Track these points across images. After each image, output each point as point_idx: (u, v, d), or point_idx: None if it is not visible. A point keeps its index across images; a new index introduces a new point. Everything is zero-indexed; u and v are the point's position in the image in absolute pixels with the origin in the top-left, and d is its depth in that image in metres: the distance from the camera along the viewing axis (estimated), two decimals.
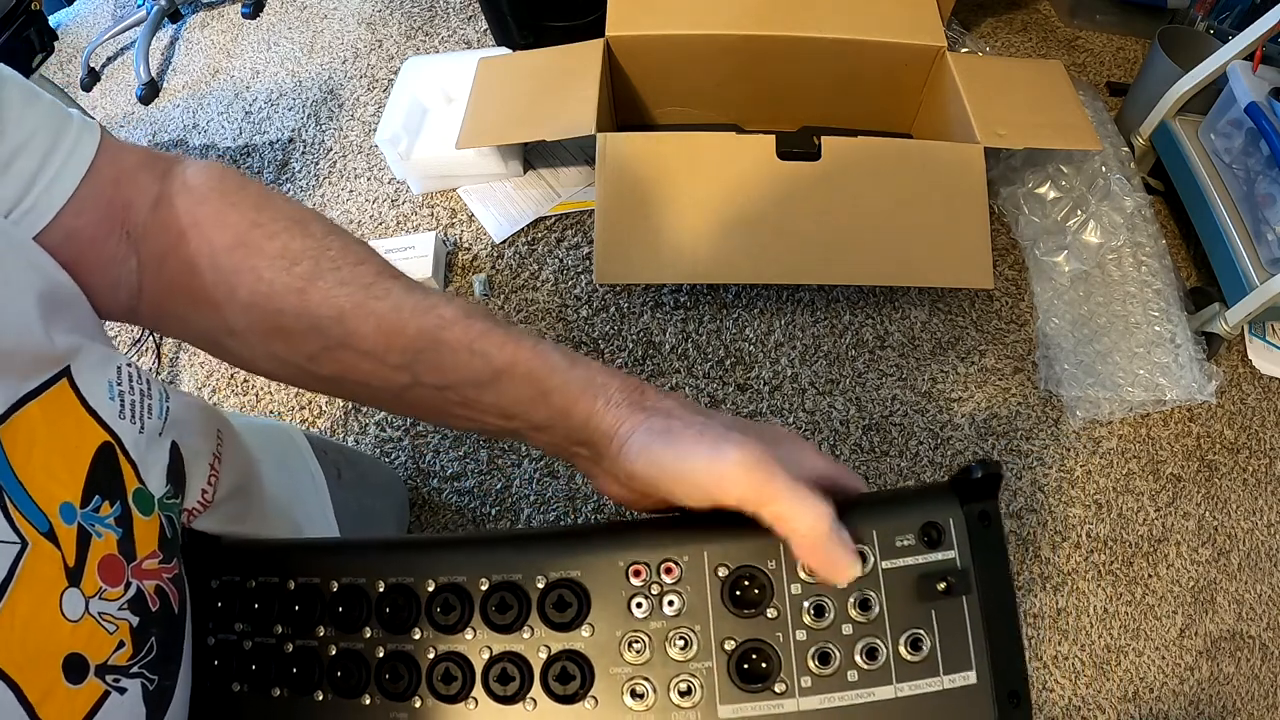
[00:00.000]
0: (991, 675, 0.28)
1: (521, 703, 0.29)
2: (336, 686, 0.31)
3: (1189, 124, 1.29)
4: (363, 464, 0.81)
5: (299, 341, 0.34)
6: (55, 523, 0.26)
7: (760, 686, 0.29)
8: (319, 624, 0.31)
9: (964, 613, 0.29)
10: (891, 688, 0.28)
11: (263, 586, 0.33)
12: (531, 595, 0.30)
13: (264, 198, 0.36)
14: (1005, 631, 0.29)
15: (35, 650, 0.24)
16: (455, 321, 0.32)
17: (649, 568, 0.30)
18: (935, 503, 0.30)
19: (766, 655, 0.29)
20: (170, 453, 0.35)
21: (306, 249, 0.34)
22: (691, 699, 0.29)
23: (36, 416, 0.27)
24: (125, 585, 0.28)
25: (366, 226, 1.41)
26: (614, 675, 0.29)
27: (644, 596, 0.30)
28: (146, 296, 0.35)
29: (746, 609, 0.29)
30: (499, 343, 0.32)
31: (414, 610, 0.31)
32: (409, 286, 0.34)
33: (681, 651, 0.29)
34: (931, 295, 1.28)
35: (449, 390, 0.33)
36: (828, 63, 1.26)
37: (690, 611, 0.30)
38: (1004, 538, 0.30)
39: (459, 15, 1.71)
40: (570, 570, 0.30)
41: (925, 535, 0.29)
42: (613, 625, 0.30)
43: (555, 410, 0.31)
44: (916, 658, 0.29)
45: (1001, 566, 0.30)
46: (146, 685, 0.28)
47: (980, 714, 0.28)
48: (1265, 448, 1.18)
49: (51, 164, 0.32)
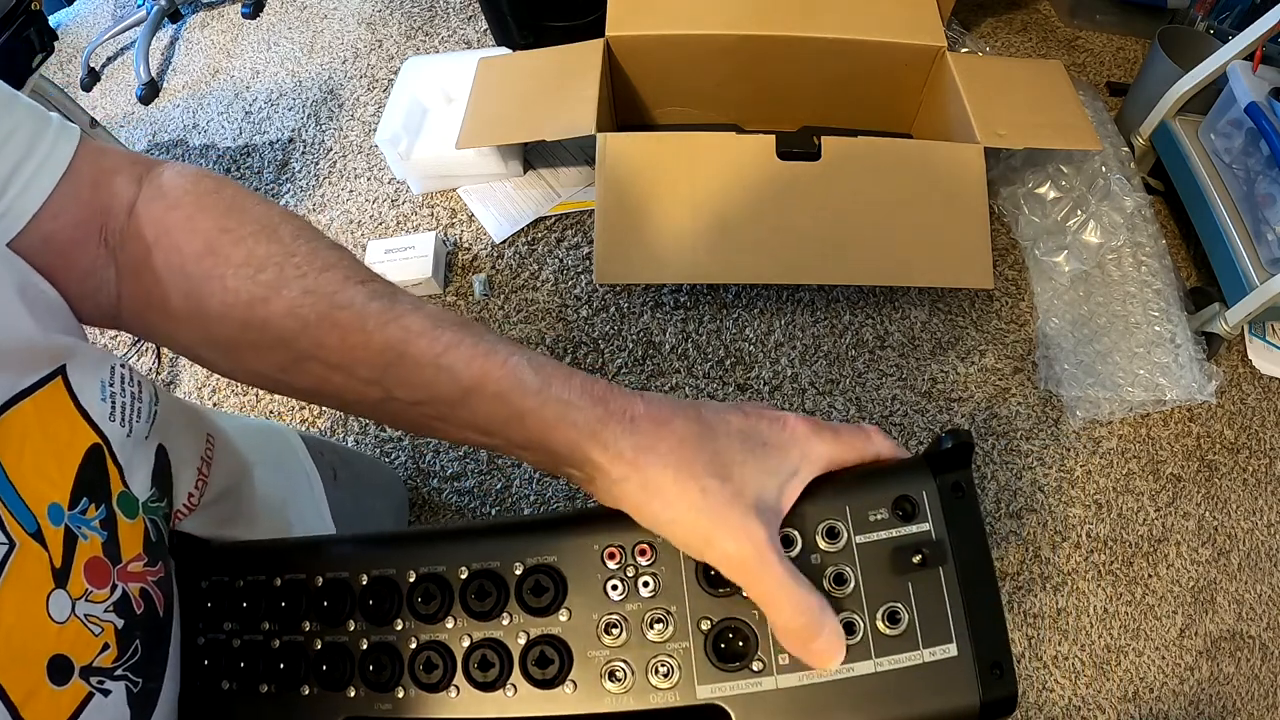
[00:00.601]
0: (973, 647, 0.28)
1: (502, 689, 0.30)
2: (322, 680, 0.31)
3: (1189, 124, 1.29)
4: (360, 464, 0.82)
5: (267, 354, 0.32)
6: (43, 524, 0.26)
7: (738, 665, 0.29)
8: (304, 619, 0.32)
9: (941, 584, 0.29)
10: (871, 662, 0.28)
11: (250, 585, 0.33)
12: (509, 582, 0.30)
13: (236, 202, 0.34)
14: (984, 602, 0.29)
15: (20, 651, 0.24)
16: (422, 333, 0.31)
17: (624, 550, 0.30)
18: (908, 476, 0.30)
19: (743, 634, 0.29)
20: (156, 456, 0.35)
21: (272, 255, 0.32)
22: (670, 680, 0.29)
23: (30, 415, 0.27)
24: (111, 588, 0.28)
25: (366, 226, 1.41)
26: (592, 659, 0.29)
27: (619, 579, 0.30)
28: (126, 305, 0.34)
29: (722, 588, 0.29)
30: (466, 358, 0.30)
31: (396, 601, 0.31)
32: (375, 293, 0.32)
33: (658, 633, 0.29)
34: (931, 295, 1.28)
35: (423, 405, 0.31)
36: (828, 63, 1.26)
37: (666, 592, 0.30)
38: (978, 508, 0.30)
39: (459, 15, 1.71)
40: (546, 556, 0.31)
41: (899, 509, 0.29)
42: (589, 609, 0.30)
43: (532, 434, 0.30)
44: (895, 631, 0.28)
45: (977, 537, 0.29)
46: (131, 687, 0.28)
47: (963, 686, 0.28)
48: (1265, 448, 1.18)
49: (27, 166, 0.31)
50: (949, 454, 0.29)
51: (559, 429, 0.30)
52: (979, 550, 0.29)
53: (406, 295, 0.33)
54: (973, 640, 0.28)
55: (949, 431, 0.29)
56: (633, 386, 1.28)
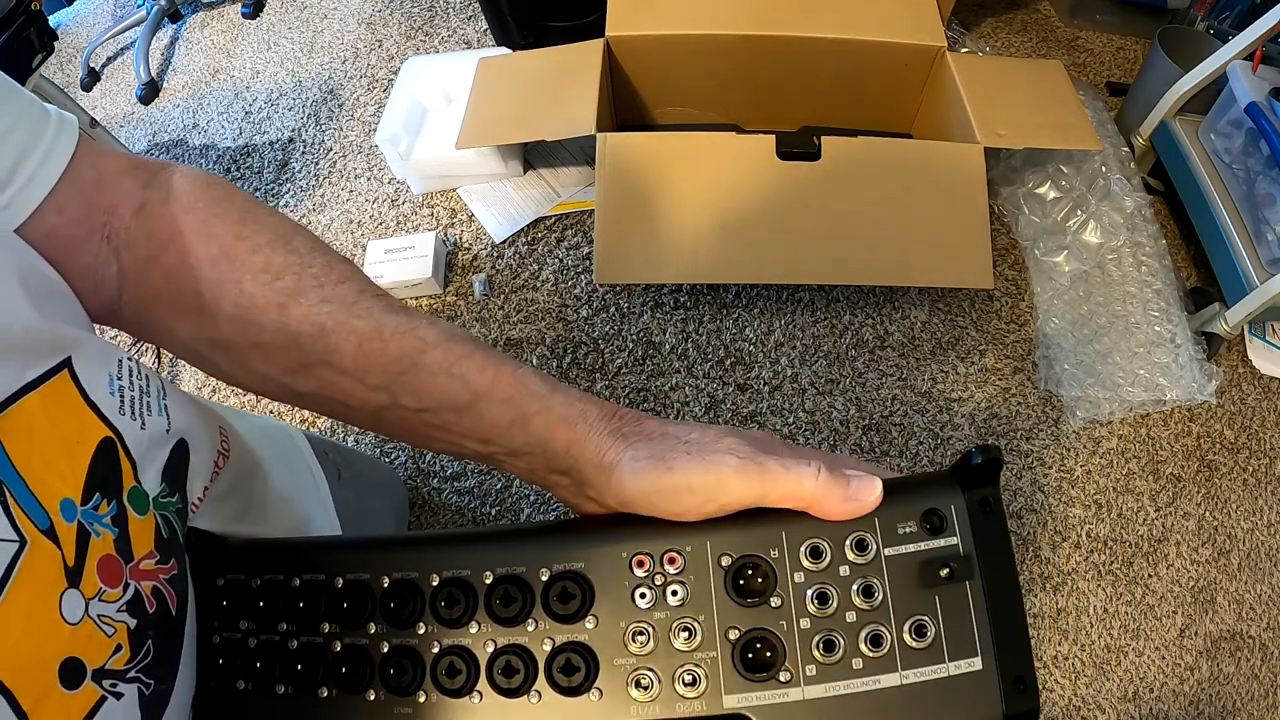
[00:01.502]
0: (997, 661, 0.28)
1: (526, 695, 0.29)
2: (341, 683, 0.30)
3: (1189, 124, 1.29)
4: (362, 464, 0.81)
5: (279, 356, 0.34)
6: (56, 520, 0.25)
7: (765, 675, 0.29)
8: (323, 620, 0.31)
9: (968, 599, 0.29)
10: (897, 675, 0.28)
11: (267, 584, 0.32)
12: (535, 588, 0.30)
13: (249, 209, 0.35)
14: (1010, 617, 0.29)
15: (32, 654, 0.23)
16: (436, 344, 0.33)
17: (652, 558, 0.30)
18: (937, 490, 0.30)
19: (771, 644, 0.29)
20: (172, 451, 0.34)
21: (289, 264, 0.34)
22: (696, 689, 0.29)
23: (36, 408, 0.27)
24: (124, 586, 0.28)
25: (366, 226, 1.41)
26: (618, 666, 0.29)
27: (647, 587, 0.30)
28: (127, 303, 0.35)
29: (750, 598, 0.29)
30: (479, 366, 0.32)
31: (418, 605, 0.31)
32: (391, 307, 0.34)
33: (686, 641, 0.29)
34: (931, 295, 1.28)
35: (427, 413, 0.33)
36: (828, 63, 1.26)
37: (694, 601, 0.30)
38: (1005, 523, 0.30)
39: (459, 15, 1.71)
40: (574, 562, 0.30)
41: (927, 522, 0.29)
42: (617, 616, 0.30)
43: (534, 436, 0.32)
44: (921, 644, 0.28)
45: (1004, 552, 0.29)
46: (143, 690, 0.28)
47: (987, 700, 0.28)
48: (1265, 448, 1.18)
49: (30, 160, 0.31)
50: (978, 469, 0.29)
51: (560, 429, 0.31)
52: (1006, 565, 0.29)
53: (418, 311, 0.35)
54: (997, 654, 0.28)
55: (979, 447, 0.29)
56: (633, 386, 1.28)
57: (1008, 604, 0.29)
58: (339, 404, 0.34)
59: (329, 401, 0.35)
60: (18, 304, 0.28)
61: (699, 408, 1.20)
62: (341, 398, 0.34)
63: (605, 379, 1.22)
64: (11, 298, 0.27)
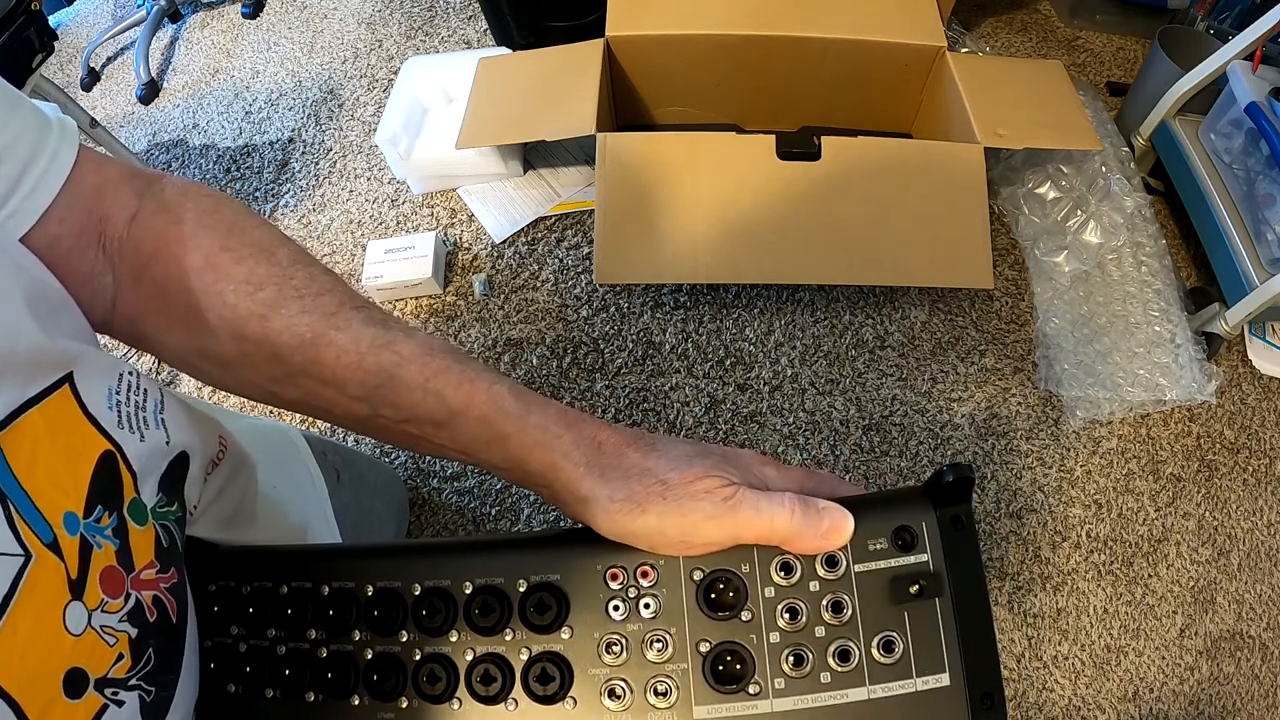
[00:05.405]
0: (965, 677, 0.29)
1: (503, 703, 0.30)
2: (327, 687, 0.31)
3: (1189, 124, 1.29)
4: (362, 464, 0.81)
5: (263, 366, 0.34)
6: (59, 533, 0.26)
7: (735, 688, 0.29)
8: (310, 627, 0.32)
9: (937, 615, 0.29)
10: (865, 689, 0.29)
11: (256, 591, 0.33)
12: (513, 598, 0.31)
13: (236, 221, 0.36)
14: (978, 634, 0.29)
15: (37, 666, 0.24)
16: (412, 359, 0.33)
17: (626, 571, 0.31)
18: (908, 507, 0.30)
19: (741, 657, 0.30)
20: (172, 463, 0.35)
21: (271, 275, 0.34)
22: (668, 700, 0.29)
23: (38, 423, 0.27)
24: (125, 597, 0.28)
25: (366, 226, 1.41)
26: (593, 676, 0.30)
27: (621, 599, 0.31)
28: (120, 313, 0.35)
29: (721, 611, 0.30)
30: (454, 384, 0.32)
31: (401, 613, 0.31)
32: (370, 319, 0.34)
33: (658, 653, 0.30)
34: (931, 295, 1.28)
35: (408, 424, 0.33)
36: (828, 63, 1.26)
37: (666, 614, 0.30)
38: (977, 541, 0.30)
39: (459, 15, 1.71)
40: (550, 574, 0.31)
41: (898, 539, 0.30)
42: (591, 627, 0.30)
43: (511, 456, 0.32)
44: (889, 660, 0.29)
45: (974, 569, 0.30)
46: (144, 697, 0.28)
47: (954, 716, 0.29)
48: (1265, 448, 1.18)
49: (34, 170, 0.31)
50: (950, 487, 0.30)
51: (536, 452, 0.31)
52: (975, 583, 0.30)
53: (399, 322, 0.35)
54: (965, 671, 0.29)
55: (950, 465, 0.29)
56: (633, 386, 1.28)
57: (977, 621, 0.29)
58: (325, 411, 0.35)
59: (315, 409, 0.35)
60: (22, 324, 0.28)
61: (699, 408, 1.20)
62: (326, 405, 0.34)
63: (605, 379, 1.22)
64: (17, 318, 0.28)
